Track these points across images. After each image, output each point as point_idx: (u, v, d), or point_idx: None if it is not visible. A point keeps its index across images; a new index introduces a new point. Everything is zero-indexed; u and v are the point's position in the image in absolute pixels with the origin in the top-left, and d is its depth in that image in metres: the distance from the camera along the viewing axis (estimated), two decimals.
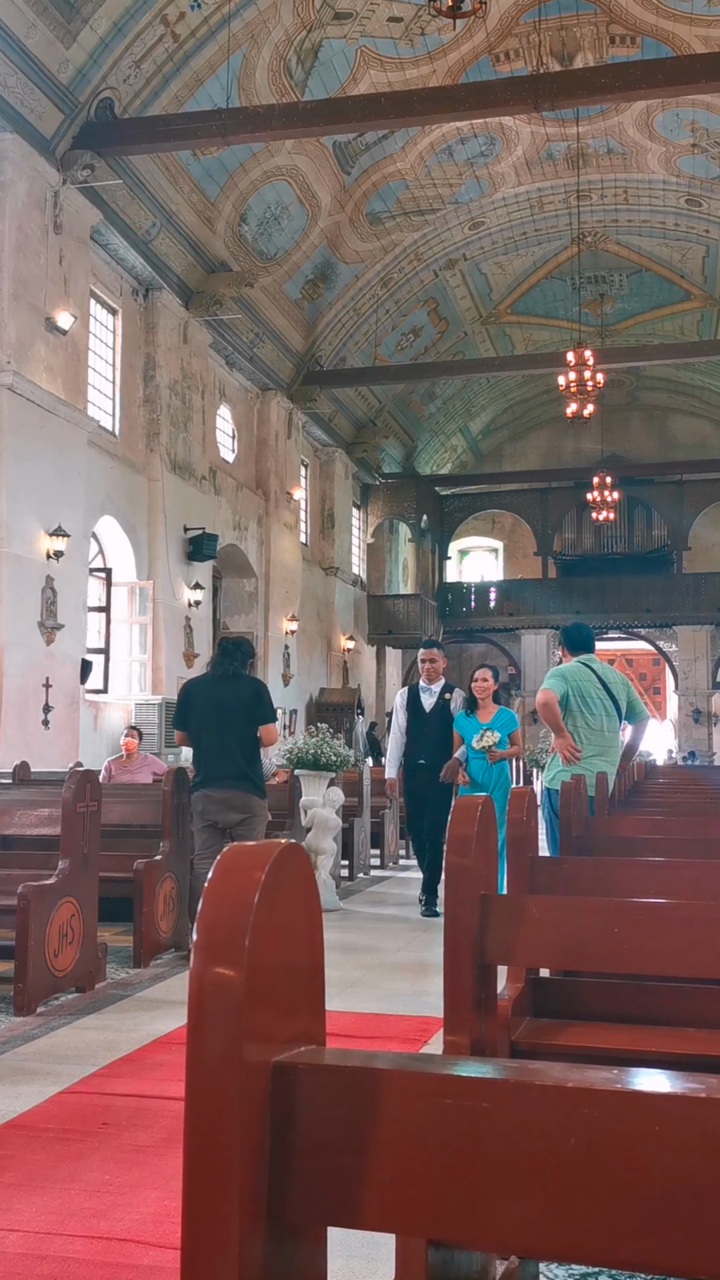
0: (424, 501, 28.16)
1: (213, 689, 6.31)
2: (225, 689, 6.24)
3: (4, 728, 11.90)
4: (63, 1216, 2.75)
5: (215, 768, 6.20)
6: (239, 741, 6.14)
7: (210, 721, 6.22)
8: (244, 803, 6.14)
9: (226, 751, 6.15)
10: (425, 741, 8.26)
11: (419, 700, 8.43)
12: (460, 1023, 2.08)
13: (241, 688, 6.22)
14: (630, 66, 13.52)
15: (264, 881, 0.86)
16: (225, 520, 18.66)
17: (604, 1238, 0.83)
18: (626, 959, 2.23)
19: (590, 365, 17.69)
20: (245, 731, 6.15)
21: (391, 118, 13.67)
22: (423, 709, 8.38)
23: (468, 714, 8.02)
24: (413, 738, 8.33)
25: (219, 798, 6.14)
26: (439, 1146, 0.85)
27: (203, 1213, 0.83)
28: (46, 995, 5.10)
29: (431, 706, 8.37)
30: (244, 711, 6.14)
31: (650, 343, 24.86)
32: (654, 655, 32.22)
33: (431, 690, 8.44)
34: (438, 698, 8.38)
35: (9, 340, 12.14)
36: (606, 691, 6.31)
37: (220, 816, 6.14)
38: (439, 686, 8.45)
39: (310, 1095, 0.87)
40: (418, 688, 8.53)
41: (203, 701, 6.30)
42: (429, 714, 8.35)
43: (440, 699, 8.37)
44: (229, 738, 6.14)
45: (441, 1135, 0.85)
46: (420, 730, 8.31)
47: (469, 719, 7.96)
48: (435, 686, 8.44)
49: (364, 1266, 2.50)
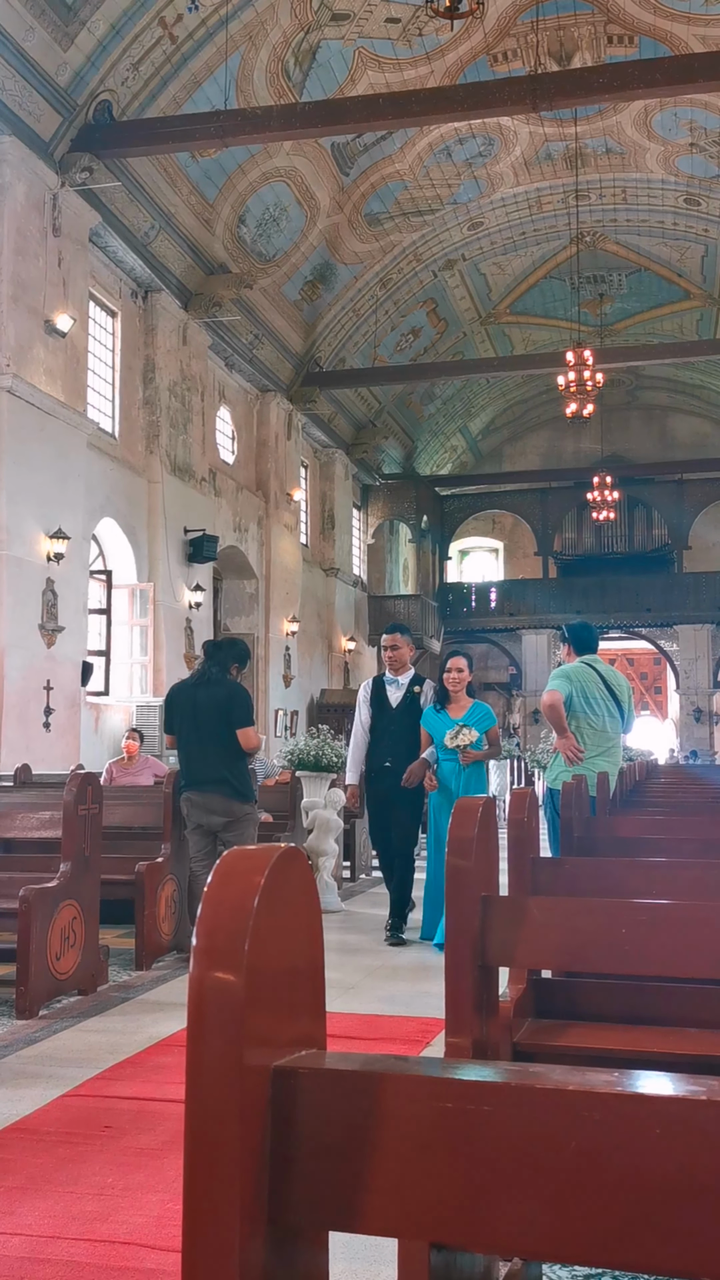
0: (424, 502, 28.17)
1: (191, 693, 6.32)
2: (202, 692, 6.24)
3: (5, 730, 11.90)
4: (65, 1220, 2.75)
5: (193, 772, 6.22)
6: (215, 745, 6.12)
7: (188, 725, 6.23)
8: (224, 807, 6.13)
9: (203, 755, 6.16)
10: (391, 741, 7.16)
11: (384, 693, 7.31)
12: (462, 1024, 2.08)
13: (217, 691, 6.20)
14: (628, 66, 13.52)
15: (263, 886, 0.86)
16: (225, 522, 18.67)
17: (606, 1240, 0.83)
18: (628, 960, 2.23)
19: (589, 365, 17.69)
20: (222, 735, 6.12)
21: (390, 118, 13.67)
22: (388, 703, 7.27)
23: (438, 709, 7.00)
24: (377, 736, 7.25)
25: (198, 801, 6.15)
26: (440, 1150, 0.85)
27: (203, 1217, 0.83)
28: (48, 998, 5.10)
29: (399, 701, 7.26)
30: (220, 715, 6.12)
31: (649, 342, 24.88)
32: (655, 654, 32.22)
33: (399, 682, 7.32)
34: (405, 690, 7.27)
35: (8, 343, 12.14)
36: (610, 692, 6.31)
37: (204, 820, 6.15)
38: (407, 677, 7.34)
39: (310, 1099, 0.87)
40: (383, 679, 7.40)
41: (182, 705, 6.32)
42: (395, 709, 7.23)
43: (408, 692, 7.27)
44: (205, 741, 6.14)
45: (442, 1139, 0.85)
46: (386, 728, 7.21)
47: (439, 715, 6.96)
48: (403, 678, 7.33)
49: (367, 1269, 2.50)
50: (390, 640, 7.41)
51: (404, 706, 7.24)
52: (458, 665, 7.08)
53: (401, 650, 7.34)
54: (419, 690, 7.25)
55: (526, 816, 3.00)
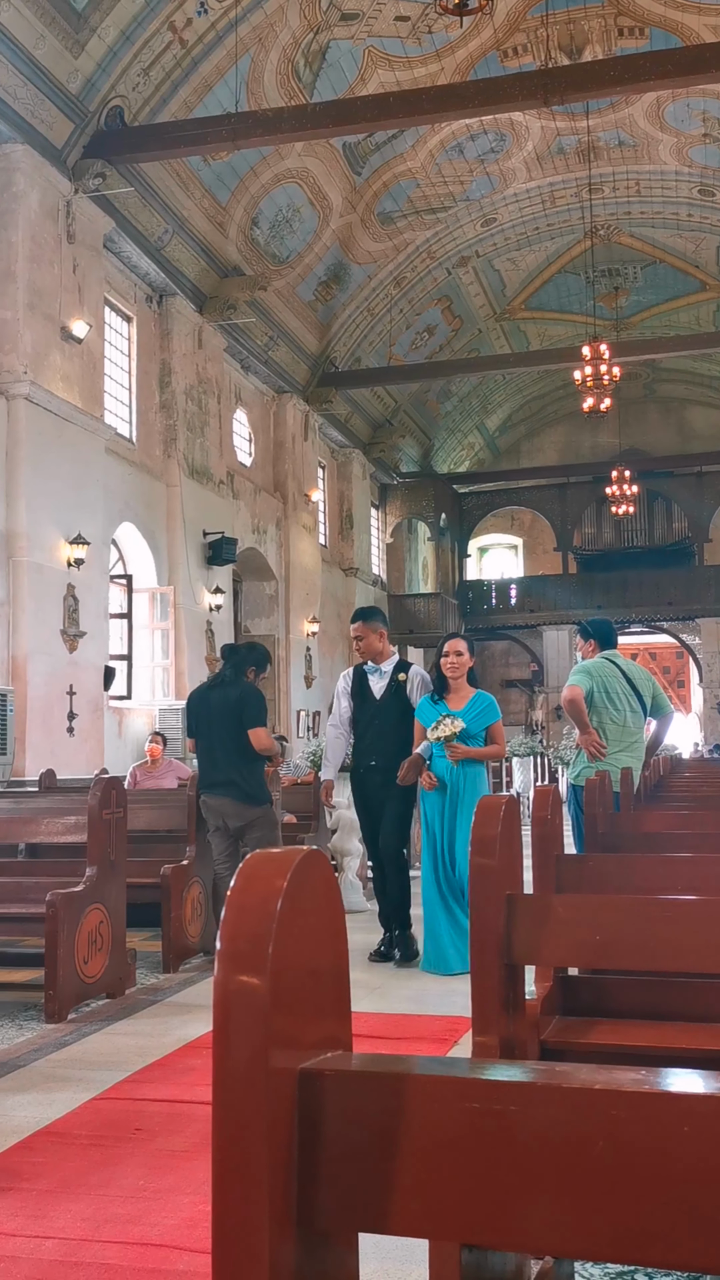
0: (442, 500, 28.14)
1: (206, 695, 6.39)
2: (216, 695, 6.30)
3: (29, 735, 11.96)
4: (98, 1223, 2.76)
5: (206, 775, 6.29)
6: (227, 748, 6.16)
7: (204, 729, 6.29)
8: (234, 810, 6.16)
9: (215, 758, 6.21)
10: (376, 737, 6.36)
11: (365, 684, 6.50)
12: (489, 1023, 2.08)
13: (230, 693, 6.23)
14: (639, 58, 13.45)
15: (286, 889, 0.86)
16: (244, 524, 18.70)
17: (636, 1237, 0.83)
18: (655, 956, 2.22)
19: (606, 359, 17.63)
20: (234, 738, 6.15)
21: (401, 117, 13.67)
22: (371, 695, 6.45)
23: (434, 699, 6.15)
24: (359, 733, 6.46)
25: (212, 804, 6.22)
26: (467, 1150, 0.85)
27: (232, 1221, 0.83)
28: (77, 1002, 5.13)
29: (382, 691, 6.42)
30: (232, 717, 6.15)
31: (666, 335, 24.76)
32: (677, 648, 32.09)
33: (382, 671, 6.48)
34: (390, 679, 6.43)
35: (25, 350, 12.20)
36: (631, 687, 6.29)
37: (219, 822, 6.20)
38: (390, 665, 6.50)
39: (337, 1101, 0.87)
40: (364, 668, 6.57)
41: (198, 709, 6.40)
42: (379, 701, 6.40)
43: (393, 681, 6.42)
44: (217, 744, 6.19)
45: (469, 1139, 0.85)
46: (369, 723, 6.41)
47: (436, 706, 6.09)
48: (386, 666, 6.49)
49: (399, 1268, 2.50)
50: (355, 630, 6.54)
51: (389, 698, 6.40)
52: (456, 648, 6.18)
53: (369, 640, 6.45)
54: (404, 678, 6.43)
55: (550, 814, 2.99)
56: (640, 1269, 2.41)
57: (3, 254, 12.28)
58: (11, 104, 11.96)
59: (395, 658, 6.58)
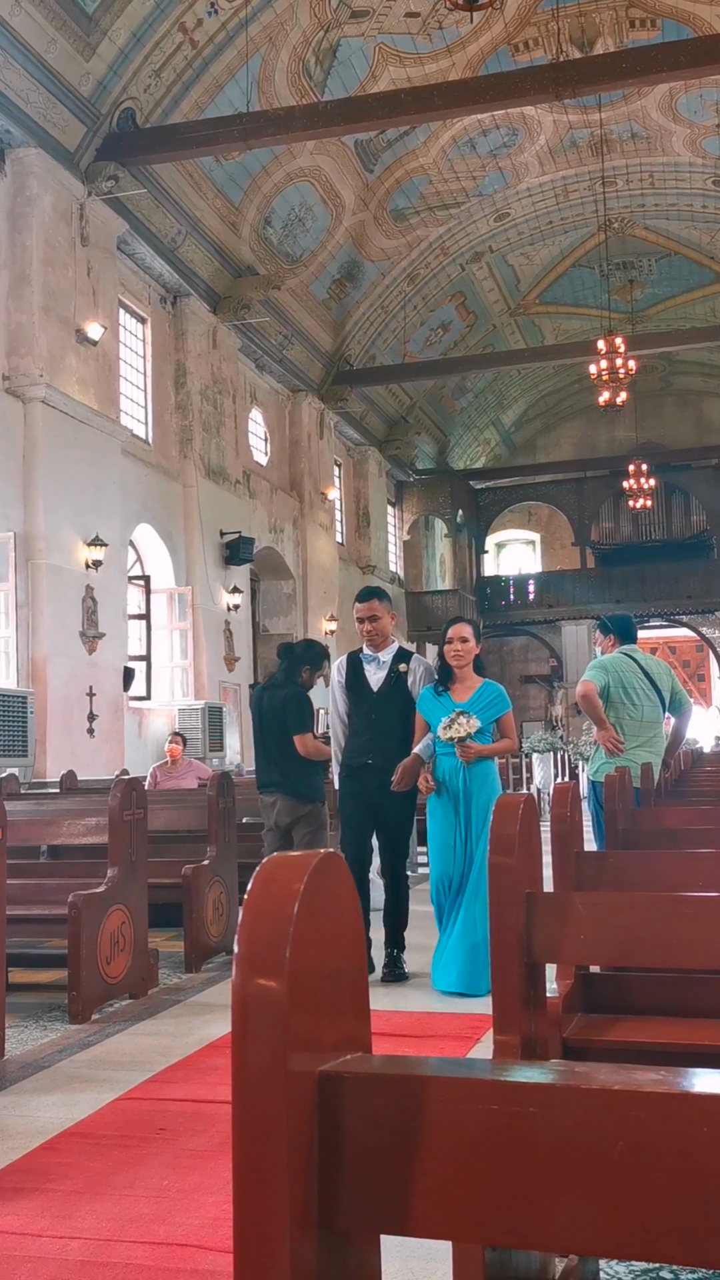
0: (459, 496, 28.10)
1: (261, 696, 6.48)
2: (267, 696, 6.36)
3: (50, 737, 12.02)
4: (123, 1223, 2.77)
5: (261, 773, 6.38)
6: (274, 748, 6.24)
7: (258, 729, 6.39)
8: (285, 806, 6.21)
9: (269, 758, 6.29)
10: (373, 733, 5.77)
11: (362, 674, 5.92)
12: (510, 1022, 2.08)
13: (278, 694, 6.29)
14: (651, 50, 13.39)
15: (303, 891, 0.87)
16: (261, 523, 18.73)
17: (658, 1237, 0.83)
18: (676, 953, 2.21)
19: (621, 352, 17.56)
20: (281, 741, 6.21)
21: (412, 113, 13.65)
22: (367, 686, 5.86)
23: (438, 691, 5.57)
24: (355, 728, 5.85)
25: (266, 801, 6.30)
26: (487, 1152, 0.85)
27: (254, 1221, 0.84)
28: (100, 1002, 5.15)
29: (380, 683, 5.84)
30: (278, 719, 6.21)
31: (682, 327, 24.65)
32: (697, 642, 31.95)
33: (380, 660, 5.89)
34: (389, 669, 5.85)
35: (41, 353, 12.25)
36: (650, 682, 6.26)
37: (272, 820, 6.25)
38: (390, 653, 5.91)
39: (357, 1103, 0.87)
40: (359, 656, 5.99)
41: (255, 709, 6.52)
42: (377, 694, 5.83)
43: (392, 671, 5.85)
44: (271, 744, 6.26)
45: (490, 1140, 0.85)
46: (366, 717, 5.82)
47: (439, 698, 5.52)
48: (385, 654, 5.90)
49: (422, 1267, 2.50)
50: (367, 609, 5.88)
51: (388, 690, 5.82)
52: (461, 634, 5.56)
53: (383, 621, 5.88)
54: (405, 668, 5.85)
55: (569, 811, 2.99)
56: (664, 1266, 2.40)
57: (17, 258, 12.32)
58: (24, 108, 12.00)
59: (395, 646, 5.97)
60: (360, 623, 5.91)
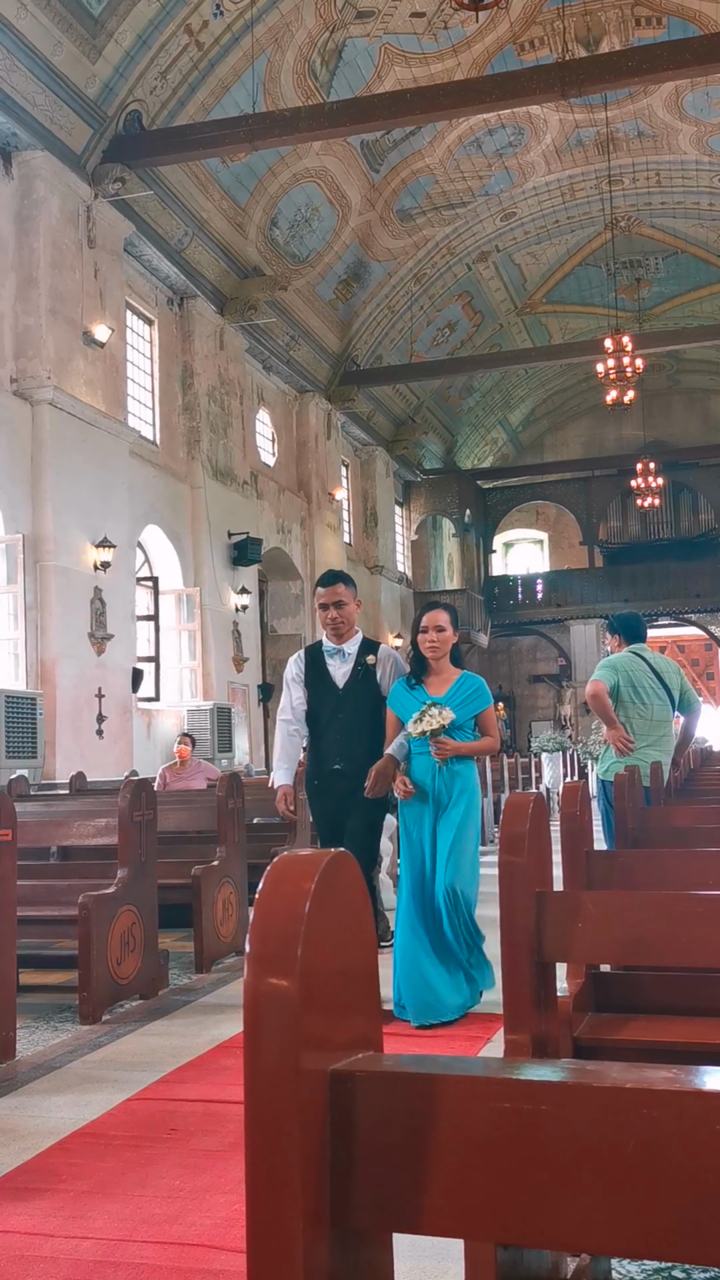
0: (466, 496, 28.09)
1: None
2: None
3: (59, 739, 12.04)
4: (135, 1223, 2.78)
5: None
6: None
7: None
8: None
9: None
10: (339, 734, 5.16)
11: (323, 667, 5.25)
12: (520, 1021, 2.08)
13: None
14: (657, 48, 13.38)
15: (314, 890, 0.87)
16: (268, 524, 18.74)
17: (672, 1234, 0.83)
18: (687, 952, 2.21)
19: (628, 351, 17.53)
20: None
21: (418, 113, 13.65)
22: (330, 681, 5.21)
23: (411, 684, 4.94)
24: (318, 729, 5.22)
25: None
26: (499, 1150, 0.85)
27: (266, 1222, 0.84)
28: (111, 1003, 5.16)
29: (345, 677, 5.19)
30: None
31: (689, 325, 24.61)
32: (706, 640, 31.89)
33: (344, 652, 5.22)
34: (355, 662, 5.20)
35: (48, 355, 12.28)
36: (659, 681, 6.25)
37: None
38: (355, 644, 5.24)
39: (369, 1102, 0.88)
40: (320, 649, 5.30)
41: None
42: (343, 690, 5.18)
43: (358, 664, 5.19)
44: None
45: (501, 1139, 0.85)
46: (331, 716, 5.19)
47: (413, 691, 4.90)
48: (349, 645, 5.22)
49: (434, 1266, 2.50)
50: (330, 594, 5.16)
51: (354, 685, 5.17)
52: (436, 621, 4.90)
53: (348, 608, 5.18)
54: (373, 660, 5.20)
55: (579, 810, 2.98)
56: (676, 1265, 2.40)
57: (24, 260, 12.35)
58: (30, 111, 12.03)
59: (360, 636, 5.29)
60: (323, 609, 5.17)
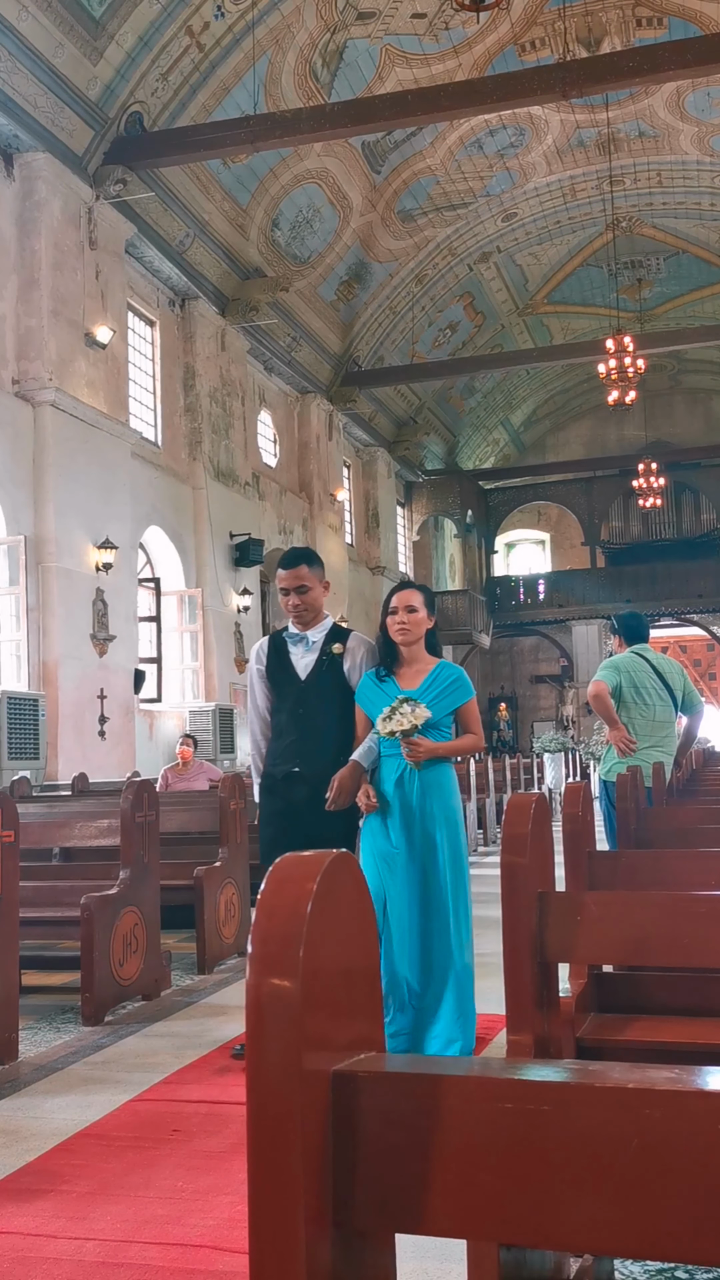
0: (468, 497, 28.09)
1: None
2: None
3: (61, 740, 12.05)
4: (138, 1224, 2.78)
5: None
6: None
7: None
8: None
9: None
10: (301, 732, 4.44)
11: (286, 658, 4.56)
12: (522, 1021, 2.08)
13: None
14: (658, 48, 13.37)
15: (316, 891, 0.87)
16: (270, 525, 18.75)
17: (675, 1235, 0.83)
18: (689, 952, 2.21)
19: (630, 351, 17.53)
20: None
21: (419, 114, 13.65)
22: (293, 673, 4.52)
23: (380, 676, 4.29)
24: (279, 726, 4.52)
25: None
26: (502, 1151, 0.85)
27: (269, 1221, 0.84)
28: (113, 1004, 5.16)
29: (309, 668, 4.50)
30: None
31: (691, 325, 24.60)
32: (708, 641, 31.88)
33: (308, 640, 4.53)
34: (320, 652, 4.50)
35: (50, 357, 12.29)
36: (661, 681, 6.25)
37: None
38: (322, 631, 4.54)
39: (371, 1102, 0.88)
40: (283, 637, 4.61)
41: None
42: (305, 682, 4.48)
43: (324, 654, 4.49)
44: None
45: (504, 1139, 0.85)
46: (292, 712, 4.48)
47: (382, 684, 4.26)
48: (315, 633, 4.54)
49: (437, 1267, 2.50)
50: (292, 577, 4.45)
51: (318, 677, 4.48)
52: (407, 601, 4.26)
53: (313, 592, 4.48)
54: (341, 649, 4.49)
55: (581, 810, 2.98)
56: (679, 1266, 2.40)
57: (26, 262, 12.36)
58: (32, 112, 12.04)
59: (329, 622, 4.56)
60: (284, 594, 4.47)
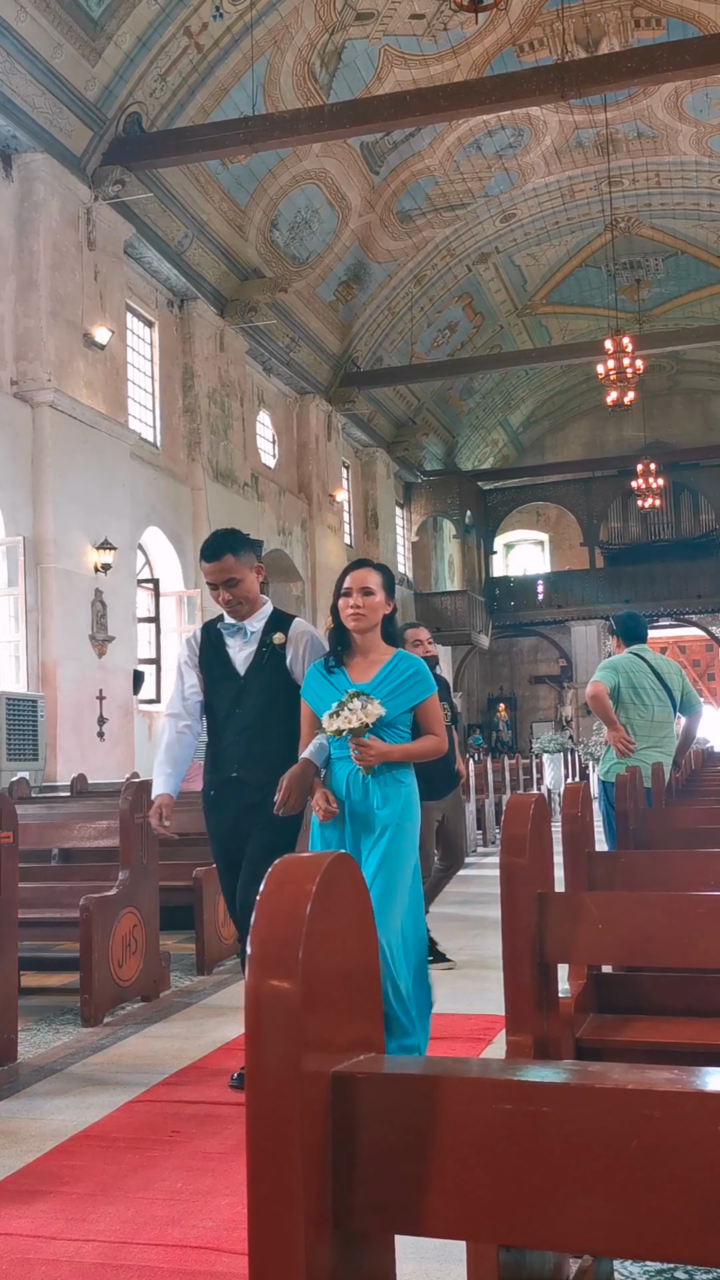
0: (467, 497, 28.09)
1: None
2: None
3: (60, 741, 12.04)
4: (137, 1225, 2.77)
5: None
6: None
7: None
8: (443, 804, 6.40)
9: None
10: (239, 732, 4.02)
11: (222, 651, 4.11)
12: (522, 1022, 2.08)
13: None
14: (657, 49, 13.37)
15: (315, 892, 0.87)
16: (269, 526, 18.74)
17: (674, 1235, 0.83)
18: (689, 952, 2.21)
19: (629, 352, 17.53)
20: None
21: (418, 115, 13.65)
22: (230, 668, 4.07)
23: (330, 666, 3.79)
24: (216, 726, 4.09)
25: None
26: (501, 1152, 0.85)
27: (268, 1223, 0.84)
28: (113, 1005, 5.15)
29: (248, 661, 4.05)
30: None
31: (689, 326, 24.61)
32: (707, 641, 31.89)
33: (246, 630, 4.08)
34: (259, 642, 4.05)
35: (49, 358, 12.28)
36: (660, 682, 6.25)
37: None
38: (261, 619, 4.09)
39: (370, 1103, 0.88)
40: (217, 628, 4.15)
41: None
42: (244, 677, 4.04)
43: (264, 644, 4.04)
44: None
45: (503, 1140, 0.85)
46: (230, 710, 4.05)
47: (329, 677, 3.76)
48: (253, 622, 4.07)
49: (437, 1268, 2.50)
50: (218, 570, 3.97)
51: (258, 671, 4.03)
52: (363, 582, 3.74)
53: (245, 583, 4.01)
54: (283, 639, 4.03)
55: (580, 811, 2.98)
56: (679, 1266, 2.40)
57: (25, 262, 12.36)
58: (30, 113, 12.04)
59: (268, 609, 4.11)
60: (214, 590, 4.02)
